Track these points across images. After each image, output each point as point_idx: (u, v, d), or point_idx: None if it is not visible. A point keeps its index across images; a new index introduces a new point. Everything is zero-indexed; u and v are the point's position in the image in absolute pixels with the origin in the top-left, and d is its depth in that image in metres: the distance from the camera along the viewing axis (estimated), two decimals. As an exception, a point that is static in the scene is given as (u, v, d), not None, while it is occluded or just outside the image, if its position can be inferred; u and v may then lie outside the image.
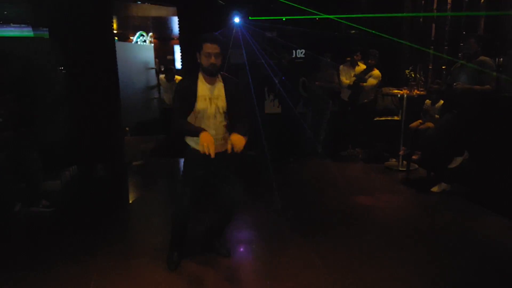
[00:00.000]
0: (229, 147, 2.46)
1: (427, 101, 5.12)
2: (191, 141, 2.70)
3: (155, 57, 7.66)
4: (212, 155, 2.35)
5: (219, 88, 2.64)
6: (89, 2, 4.97)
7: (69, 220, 3.91)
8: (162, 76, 6.54)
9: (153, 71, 7.24)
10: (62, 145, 4.78)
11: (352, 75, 5.79)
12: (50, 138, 4.46)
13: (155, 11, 6.89)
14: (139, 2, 6.38)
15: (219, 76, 2.66)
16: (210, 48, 2.51)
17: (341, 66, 5.90)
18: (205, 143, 2.36)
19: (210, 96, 2.60)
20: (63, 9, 4.89)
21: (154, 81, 7.07)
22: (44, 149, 4.28)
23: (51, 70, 4.94)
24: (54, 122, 4.61)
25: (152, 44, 7.04)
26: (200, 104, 2.59)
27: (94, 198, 4.54)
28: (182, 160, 2.91)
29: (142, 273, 2.82)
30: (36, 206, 4.02)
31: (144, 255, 3.08)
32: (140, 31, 9.02)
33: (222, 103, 2.63)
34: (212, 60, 2.52)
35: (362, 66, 5.88)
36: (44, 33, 5.67)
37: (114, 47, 5.35)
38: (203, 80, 2.62)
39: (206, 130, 2.47)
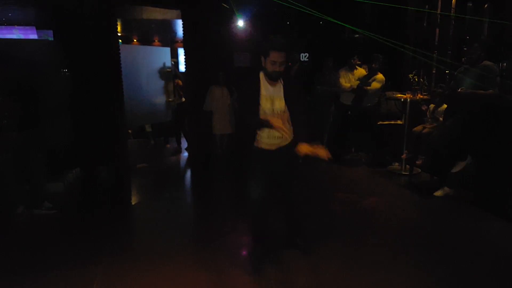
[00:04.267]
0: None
1: (431, 106, 5.11)
2: (262, 138, 2.77)
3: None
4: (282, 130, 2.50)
5: (279, 89, 2.70)
6: (93, 5, 5.00)
7: (71, 223, 3.91)
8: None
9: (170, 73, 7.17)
10: (65, 147, 4.79)
11: (351, 78, 5.80)
12: (53, 140, 4.47)
13: (159, 14, 6.91)
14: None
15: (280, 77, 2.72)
16: (277, 57, 2.55)
17: (340, 70, 5.92)
18: (276, 123, 2.50)
19: (271, 96, 2.67)
20: (67, 11, 4.91)
21: (171, 84, 7.04)
22: (48, 151, 4.29)
23: (54, 72, 4.96)
24: (57, 124, 4.63)
25: (169, 48, 6.93)
26: (263, 103, 2.67)
27: (97, 200, 4.55)
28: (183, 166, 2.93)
29: (145, 277, 2.81)
30: (39, 208, 4.02)
31: (148, 258, 3.07)
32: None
33: (280, 103, 2.68)
34: (277, 68, 2.57)
35: (360, 70, 5.89)
36: (48, 35, 5.71)
37: (119, 49, 5.36)
38: (265, 80, 2.69)
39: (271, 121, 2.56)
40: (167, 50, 6.83)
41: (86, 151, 5.15)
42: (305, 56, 6.44)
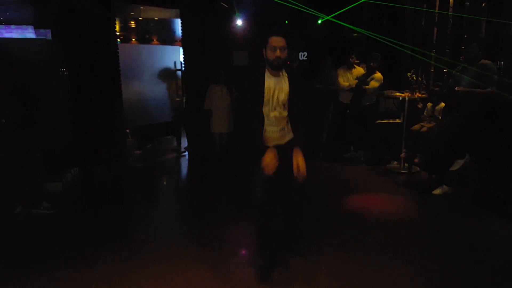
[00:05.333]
0: (294, 168, 2.52)
1: (429, 104, 5.13)
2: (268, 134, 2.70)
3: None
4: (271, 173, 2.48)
5: (284, 80, 2.63)
6: (92, 4, 4.99)
7: (70, 222, 3.91)
8: None
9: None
10: (63, 146, 4.79)
11: (349, 77, 5.82)
12: (51, 139, 4.47)
13: (158, 13, 6.91)
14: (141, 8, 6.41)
15: (283, 69, 2.64)
16: (275, 41, 2.50)
17: (338, 69, 5.94)
18: (266, 162, 2.47)
19: (274, 89, 2.60)
20: (66, 10, 4.91)
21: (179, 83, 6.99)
22: (46, 151, 4.29)
23: (53, 72, 4.95)
24: (55, 124, 4.62)
25: (179, 47, 6.77)
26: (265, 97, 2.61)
27: (95, 200, 4.54)
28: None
29: (144, 276, 2.81)
30: (37, 208, 4.02)
31: (147, 258, 3.06)
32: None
33: (283, 95, 2.61)
34: (278, 53, 2.50)
35: (358, 69, 5.91)
36: (47, 34, 5.69)
37: (117, 49, 5.37)
38: (269, 74, 2.62)
39: (271, 148, 2.55)
40: (178, 49, 6.78)
41: (84, 151, 5.15)
42: (303, 55, 6.44)
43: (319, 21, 6.24)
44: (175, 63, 6.47)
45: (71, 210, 4.22)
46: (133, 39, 9.43)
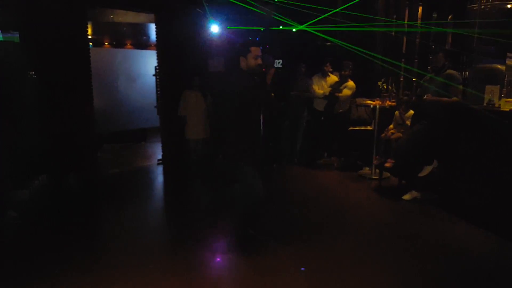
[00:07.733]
0: None
1: (396, 113, 5.30)
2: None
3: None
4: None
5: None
6: (62, 6, 4.87)
7: (37, 232, 3.74)
8: None
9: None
10: (31, 152, 4.61)
11: (324, 85, 5.95)
12: (19, 145, 4.30)
13: (132, 17, 6.81)
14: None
15: None
16: (257, 51, 2.93)
17: (313, 77, 6.06)
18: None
19: None
20: (35, 12, 4.76)
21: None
22: (12, 157, 4.12)
23: (21, 75, 4.78)
24: (23, 129, 4.45)
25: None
26: None
27: (64, 208, 4.39)
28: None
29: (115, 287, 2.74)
30: (2, 216, 3.84)
31: (118, 269, 2.99)
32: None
33: None
34: (259, 61, 2.93)
35: (332, 77, 6.05)
36: (14, 36, 5.51)
37: (89, 52, 5.25)
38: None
39: None
40: (154, 53, 6.67)
41: (53, 157, 4.98)
42: (278, 63, 6.51)
43: (294, 29, 6.35)
44: (155, 68, 6.36)
45: (38, 219, 4.05)
46: (106, 43, 9.26)
